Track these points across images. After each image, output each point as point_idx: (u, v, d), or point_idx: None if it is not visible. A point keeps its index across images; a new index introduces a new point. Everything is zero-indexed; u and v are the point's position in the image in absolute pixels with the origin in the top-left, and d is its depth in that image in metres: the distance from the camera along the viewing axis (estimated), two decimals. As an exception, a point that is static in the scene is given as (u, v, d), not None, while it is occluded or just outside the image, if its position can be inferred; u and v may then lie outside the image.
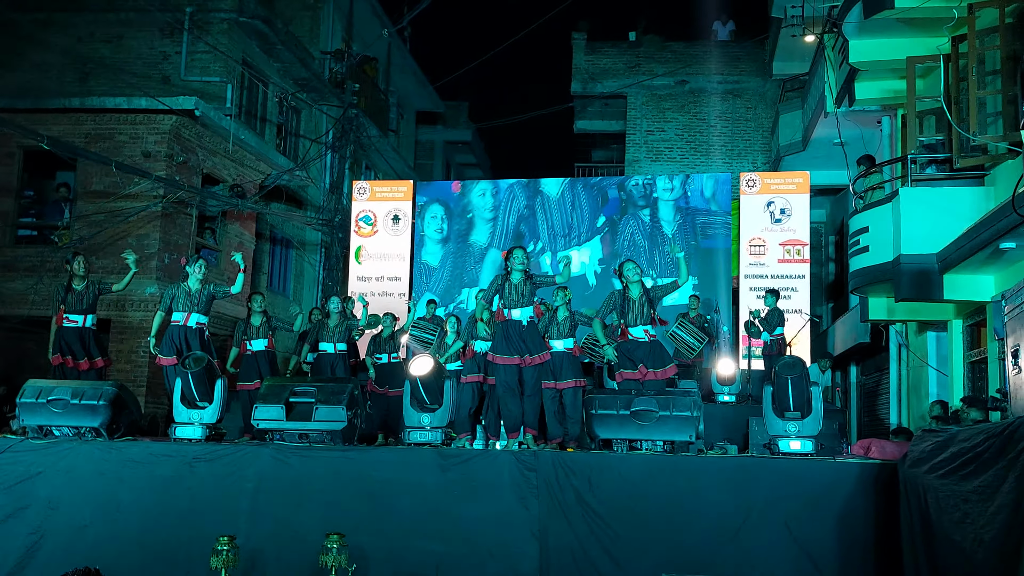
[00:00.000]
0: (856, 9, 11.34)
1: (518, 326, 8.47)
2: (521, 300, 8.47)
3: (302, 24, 18.65)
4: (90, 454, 7.47)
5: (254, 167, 15.93)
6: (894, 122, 13.13)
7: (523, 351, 8.41)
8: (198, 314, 9.17)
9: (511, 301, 8.47)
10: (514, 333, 8.46)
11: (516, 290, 8.47)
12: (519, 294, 8.46)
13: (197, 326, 9.15)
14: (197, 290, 9.25)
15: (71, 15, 14.79)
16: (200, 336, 9.11)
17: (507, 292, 8.50)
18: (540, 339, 8.67)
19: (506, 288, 8.52)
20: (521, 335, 8.45)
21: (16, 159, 14.29)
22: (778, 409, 7.09)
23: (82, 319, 9.63)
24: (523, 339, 8.45)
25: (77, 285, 9.71)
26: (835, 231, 18.24)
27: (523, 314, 8.48)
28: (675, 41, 21.35)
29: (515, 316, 8.47)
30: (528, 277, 8.55)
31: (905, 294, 10.44)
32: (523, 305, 8.48)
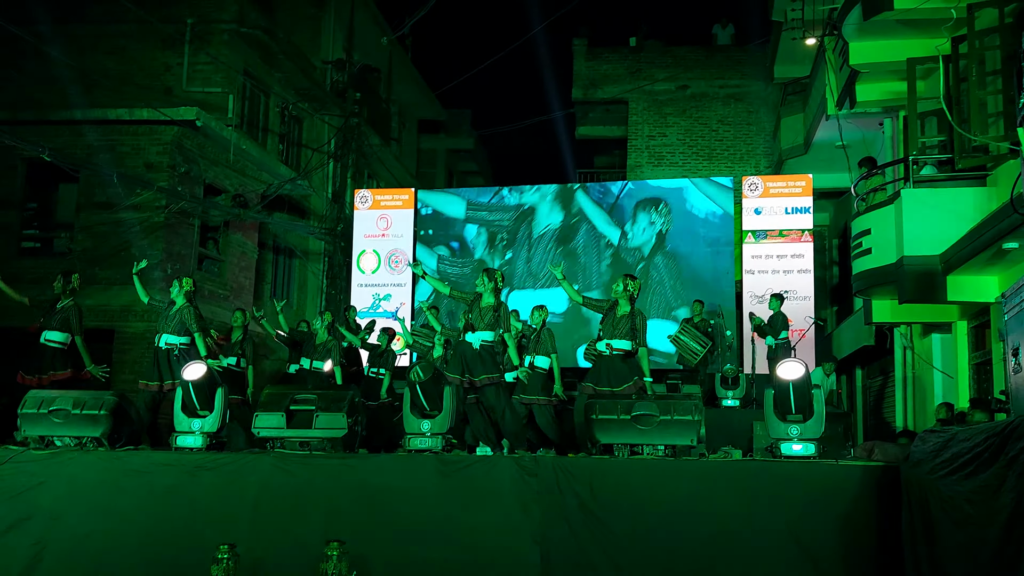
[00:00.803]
0: (855, 11, 11.33)
1: (469, 348, 8.45)
2: (481, 323, 8.44)
3: (303, 34, 18.71)
4: (92, 464, 7.45)
5: (256, 177, 15.96)
6: (896, 124, 13.11)
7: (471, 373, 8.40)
8: (169, 335, 9.07)
9: (474, 322, 8.44)
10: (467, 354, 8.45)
11: (482, 312, 8.44)
12: (479, 316, 8.43)
13: (166, 346, 9.05)
14: (176, 311, 9.14)
15: (73, 27, 14.83)
16: (168, 356, 9.01)
17: (474, 311, 8.48)
18: (491, 363, 8.51)
19: (474, 307, 8.50)
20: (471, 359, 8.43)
21: (19, 171, 14.35)
22: (780, 412, 7.04)
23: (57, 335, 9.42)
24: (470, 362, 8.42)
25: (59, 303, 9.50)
26: (838, 234, 18.20)
27: (476, 339, 8.43)
28: (676, 46, 21.37)
29: (468, 339, 8.46)
30: (496, 304, 8.50)
31: (909, 296, 10.40)
32: (481, 329, 8.44)
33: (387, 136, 20.96)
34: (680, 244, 15.46)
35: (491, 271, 8.65)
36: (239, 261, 15.86)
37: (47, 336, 9.38)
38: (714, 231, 15.46)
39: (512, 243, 16.08)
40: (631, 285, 8.50)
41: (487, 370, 8.42)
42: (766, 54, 20.00)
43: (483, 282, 8.53)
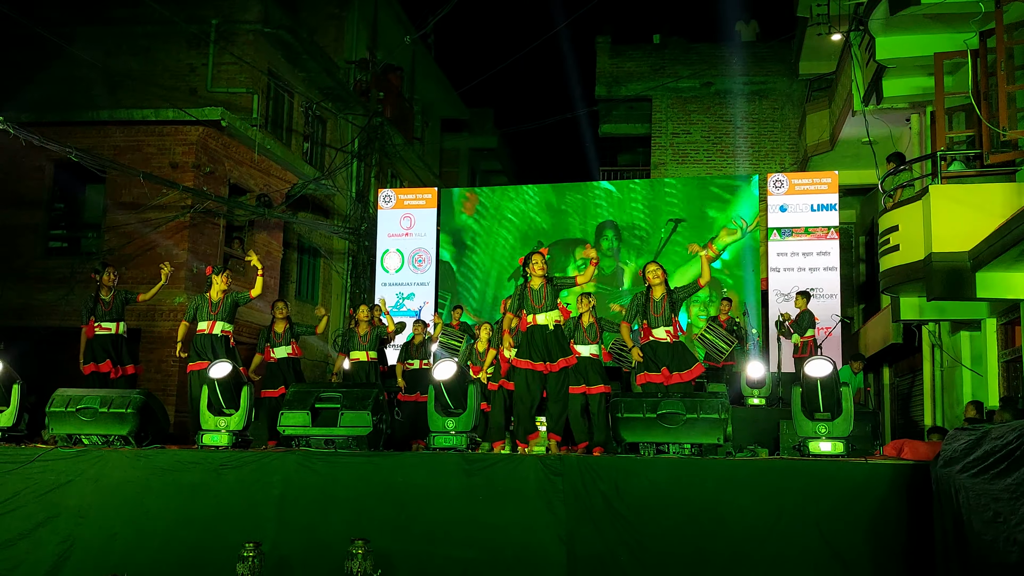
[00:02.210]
0: (882, 6, 11.23)
1: (543, 331, 8.44)
2: (544, 305, 8.43)
3: (326, 33, 18.77)
4: (118, 462, 7.50)
5: (281, 177, 16.03)
6: (923, 119, 12.97)
7: (545, 357, 8.37)
8: (223, 322, 9.28)
9: (532, 307, 8.44)
10: (539, 338, 8.43)
11: (537, 295, 8.44)
12: (540, 298, 8.43)
13: (222, 333, 9.29)
14: (220, 299, 9.33)
15: (98, 29, 14.95)
16: (225, 344, 9.25)
17: (528, 298, 8.47)
18: (565, 343, 8.61)
19: (527, 295, 8.49)
20: (545, 340, 8.42)
21: (47, 172, 14.49)
22: (807, 410, 6.98)
23: (114, 326, 9.90)
24: (547, 344, 8.41)
25: (105, 295, 9.88)
26: (865, 231, 18.03)
27: (547, 318, 8.44)
28: (699, 43, 21.25)
29: (540, 321, 8.44)
30: (548, 281, 8.50)
31: (937, 293, 10.27)
32: (546, 309, 8.44)
33: (410, 135, 20.99)
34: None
35: (524, 256, 8.65)
36: (264, 260, 15.75)
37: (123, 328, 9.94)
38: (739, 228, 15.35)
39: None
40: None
41: (563, 353, 8.46)
42: (790, 50, 19.85)
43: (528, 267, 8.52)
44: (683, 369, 8.23)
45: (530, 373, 8.40)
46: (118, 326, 9.95)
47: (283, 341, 10.36)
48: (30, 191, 14.42)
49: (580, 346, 9.07)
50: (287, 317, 10.56)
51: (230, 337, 9.40)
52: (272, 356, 10.29)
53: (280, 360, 10.26)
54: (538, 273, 8.47)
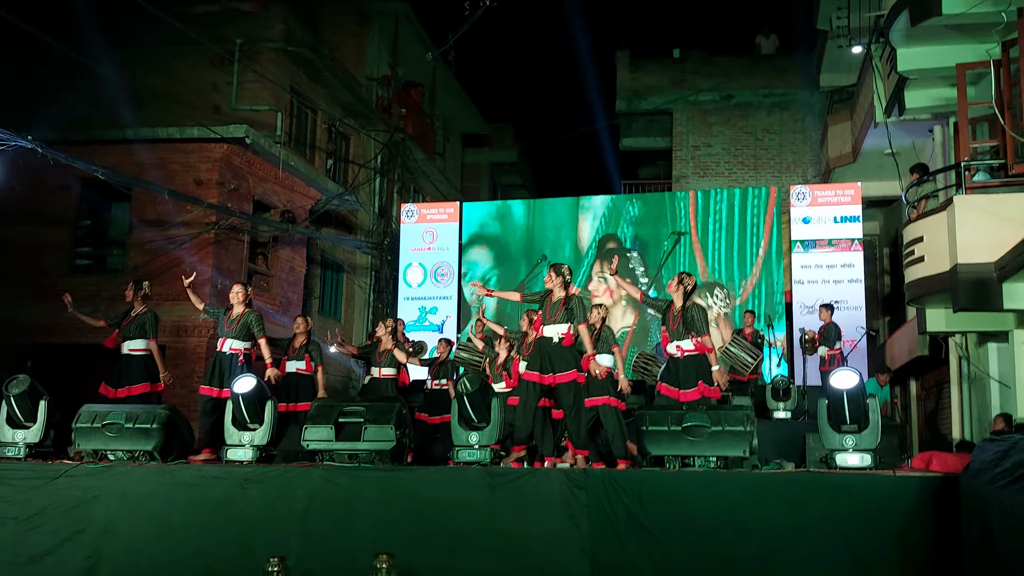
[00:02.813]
0: (903, 17, 11.19)
1: (548, 343, 8.42)
2: (556, 318, 8.43)
3: (348, 51, 18.90)
4: (144, 477, 7.54)
5: (304, 193, 16.14)
6: (946, 130, 12.89)
7: (549, 369, 8.34)
8: (233, 339, 9.23)
9: (545, 318, 8.43)
10: (544, 350, 8.42)
11: (553, 307, 8.43)
12: (555, 311, 8.42)
13: (231, 351, 9.21)
14: (237, 316, 9.30)
15: (123, 49, 15.11)
16: (232, 361, 9.15)
17: (545, 307, 8.46)
18: (572, 358, 8.48)
19: (545, 303, 8.49)
20: (550, 353, 8.40)
21: (73, 191, 14.66)
22: (834, 422, 6.92)
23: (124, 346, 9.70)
24: (551, 358, 8.38)
25: (133, 312, 9.84)
26: (889, 243, 17.91)
27: (554, 331, 8.41)
28: (719, 56, 21.24)
29: (547, 333, 8.43)
30: (567, 297, 8.48)
31: (963, 304, 10.17)
32: (556, 322, 8.42)
33: (432, 150, 21.08)
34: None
35: (557, 265, 8.63)
36: (287, 276, 16.02)
37: (129, 346, 9.67)
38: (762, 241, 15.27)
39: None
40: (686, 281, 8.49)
41: (567, 366, 8.37)
42: (811, 62, 19.80)
43: (551, 277, 8.52)
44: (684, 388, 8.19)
45: (532, 384, 8.36)
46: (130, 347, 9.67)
47: (298, 356, 10.37)
48: (57, 209, 14.59)
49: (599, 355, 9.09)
50: (307, 332, 10.57)
51: (240, 354, 9.25)
52: (285, 369, 10.28)
53: (289, 375, 10.21)
54: (558, 285, 8.46)
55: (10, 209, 14.41)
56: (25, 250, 14.39)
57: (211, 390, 9.10)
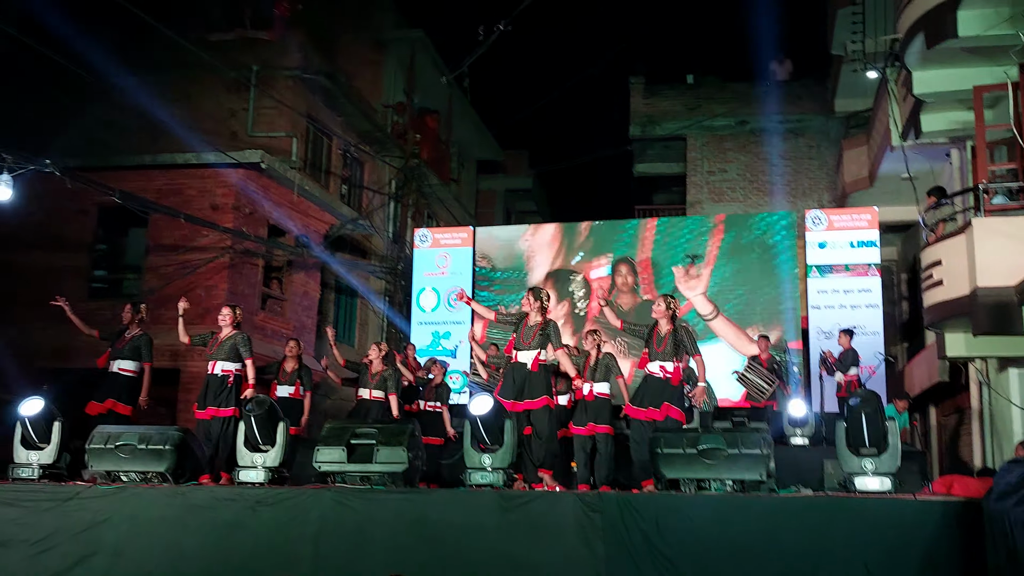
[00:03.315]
0: (918, 40, 11.15)
1: (522, 369, 8.36)
2: (530, 343, 8.36)
3: (364, 78, 19.02)
4: (155, 500, 7.50)
5: (319, 217, 16.20)
6: (963, 154, 12.81)
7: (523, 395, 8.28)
8: (222, 361, 9.15)
9: (519, 342, 8.37)
10: (518, 376, 8.36)
11: (528, 332, 8.37)
12: (529, 336, 8.36)
13: (222, 372, 9.14)
14: (224, 337, 9.24)
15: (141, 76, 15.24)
16: (223, 382, 9.07)
17: (519, 331, 8.41)
18: (543, 383, 8.45)
19: (520, 327, 8.43)
20: (524, 379, 8.33)
21: (91, 216, 14.75)
22: (853, 446, 6.82)
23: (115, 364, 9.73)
24: (525, 383, 8.32)
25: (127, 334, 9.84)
26: (907, 269, 17.77)
27: (528, 356, 8.36)
28: (733, 82, 21.27)
29: (520, 359, 8.38)
30: (543, 322, 8.42)
31: (983, 328, 10.06)
32: (530, 348, 8.36)
33: (446, 176, 21.14)
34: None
35: (535, 289, 8.63)
36: (301, 301, 16.04)
37: (119, 364, 9.66)
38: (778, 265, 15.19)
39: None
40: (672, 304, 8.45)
41: (539, 391, 8.32)
42: (826, 88, 19.79)
43: (528, 301, 8.48)
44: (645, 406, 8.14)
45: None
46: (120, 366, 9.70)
47: (288, 380, 10.33)
48: (74, 234, 14.69)
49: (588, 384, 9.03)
50: (298, 357, 10.52)
51: (230, 376, 9.14)
52: (274, 394, 10.21)
53: (280, 399, 10.07)
54: (535, 309, 8.41)
55: (28, 234, 14.52)
56: (42, 274, 14.45)
57: (203, 413, 9.04)
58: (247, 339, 9.29)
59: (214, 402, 8.96)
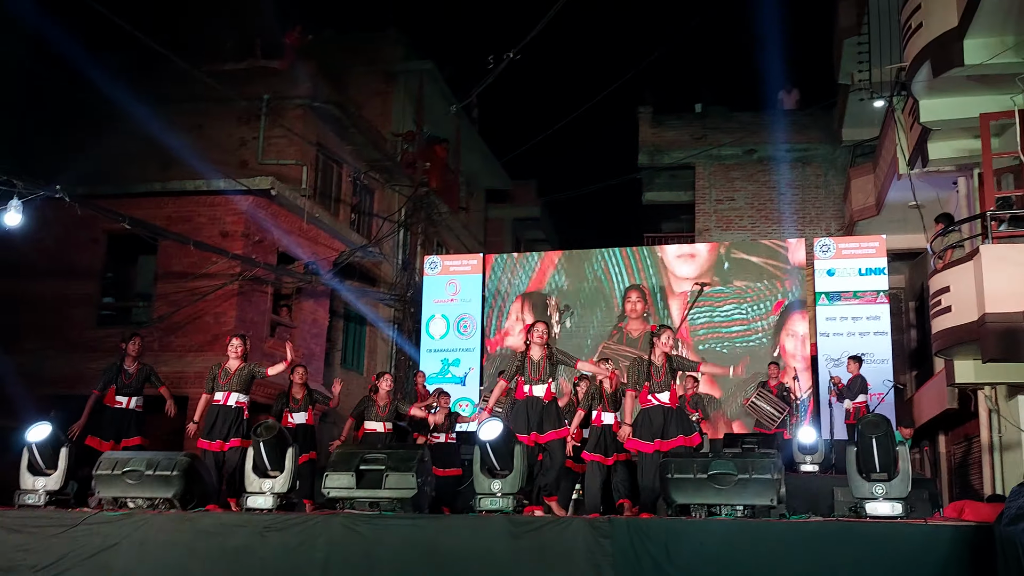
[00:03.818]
0: (925, 68, 11.22)
1: (537, 403, 8.38)
2: (540, 376, 8.40)
3: (374, 108, 19.18)
4: (163, 525, 7.48)
5: (328, 245, 16.26)
6: (970, 182, 12.83)
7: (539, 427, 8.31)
8: (237, 392, 9.17)
9: (529, 377, 8.40)
10: (532, 410, 8.38)
11: (535, 366, 8.41)
12: (537, 370, 8.39)
13: (236, 404, 9.15)
14: (234, 368, 9.25)
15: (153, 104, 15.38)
16: (238, 415, 9.10)
17: (526, 368, 8.44)
18: (558, 416, 8.52)
19: (525, 364, 8.46)
20: (539, 412, 8.36)
21: (101, 243, 14.84)
22: (863, 471, 6.79)
23: (126, 400, 9.77)
24: (540, 416, 8.34)
25: (129, 366, 9.87)
26: (915, 296, 17.75)
27: (541, 390, 8.40)
28: (741, 111, 21.37)
29: (535, 392, 8.41)
30: (548, 353, 8.46)
31: (992, 355, 10.04)
32: (541, 381, 8.40)
33: (455, 205, 21.24)
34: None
35: (529, 326, 8.66)
36: (310, 328, 16.07)
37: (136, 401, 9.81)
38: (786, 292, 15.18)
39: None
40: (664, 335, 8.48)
41: (553, 424, 8.37)
42: (833, 117, 19.87)
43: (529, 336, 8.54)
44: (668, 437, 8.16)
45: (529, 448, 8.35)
46: (129, 400, 9.76)
47: (301, 407, 10.33)
48: (84, 261, 14.76)
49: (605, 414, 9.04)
50: (305, 383, 10.51)
51: (244, 408, 9.19)
52: (289, 421, 10.21)
53: (297, 426, 10.13)
54: (537, 342, 8.44)
55: (37, 261, 14.61)
56: (52, 301, 14.54)
57: (213, 444, 9.01)
58: (257, 363, 9.35)
59: (235, 434, 8.98)
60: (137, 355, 9.94)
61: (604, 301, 15.81)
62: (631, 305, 15.64)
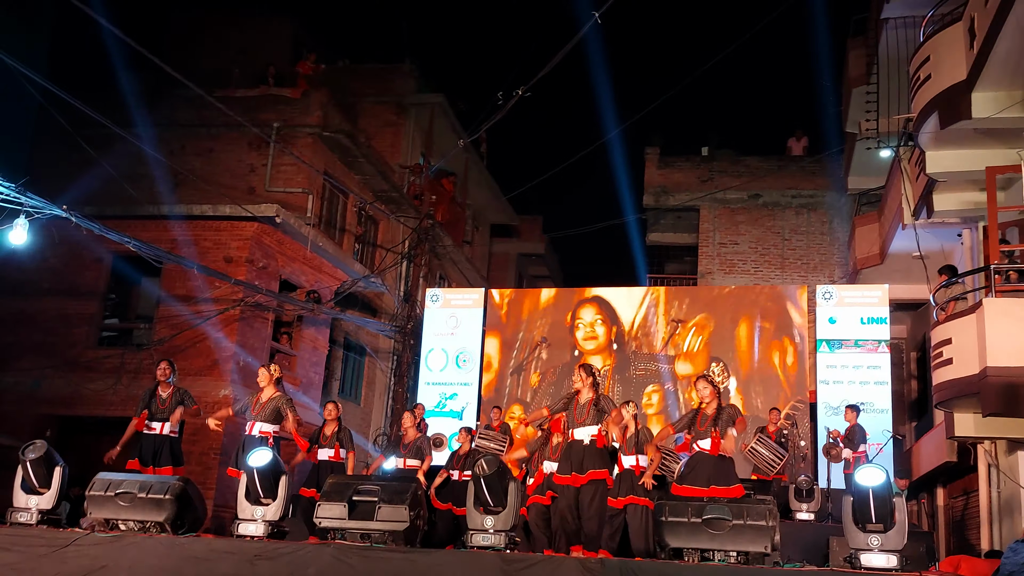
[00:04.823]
0: (932, 120, 11.26)
1: (579, 446, 8.39)
2: (584, 420, 8.39)
3: (383, 139, 19.30)
4: (153, 549, 7.43)
5: (331, 274, 16.29)
6: (975, 234, 12.84)
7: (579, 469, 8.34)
8: (262, 423, 9.20)
9: (573, 420, 8.42)
10: (575, 453, 8.38)
11: (581, 409, 8.42)
12: (583, 413, 8.40)
13: (260, 435, 9.16)
14: (268, 399, 9.29)
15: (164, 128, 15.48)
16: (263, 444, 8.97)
17: (573, 409, 8.46)
18: (600, 459, 8.53)
19: (573, 405, 8.48)
20: (581, 454, 8.35)
21: (105, 264, 14.87)
22: (859, 521, 6.74)
23: (159, 426, 9.72)
24: (581, 459, 8.37)
25: (163, 391, 9.85)
26: (916, 347, 17.71)
27: (585, 433, 8.39)
28: (748, 156, 21.48)
29: (577, 436, 8.43)
30: (595, 397, 8.47)
31: (992, 409, 9.98)
32: (585, 424, 8.39)
33: (460, 239, 21.29)
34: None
35: (587, 366, 8.70)
36: (310, 356, 16.05)
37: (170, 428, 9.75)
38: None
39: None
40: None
41: (596, 465, 8.39)
42: (840, 164, 19.96)
43: (580, 377, 8.54)
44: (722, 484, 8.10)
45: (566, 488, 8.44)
46: (163, 426, 9.70)
47: (328, 444, 10.29)
48: (88, 282, 14.79)
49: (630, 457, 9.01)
50: (337, 419, 10.49)
51: (269, 438, 9.17)
52: (316, 457, 10.22)
53: (322, 462, 10.13)
54: (587, 385, 8.48)
55: (41, 280, 14.65)
56: (53, 321, 14.55)
57: (238, 472, 8.99)
58: (290, 401, 9.37)
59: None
60: (165, 380, 9.85)
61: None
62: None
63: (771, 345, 14.95)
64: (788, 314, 15.02)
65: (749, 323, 15.14)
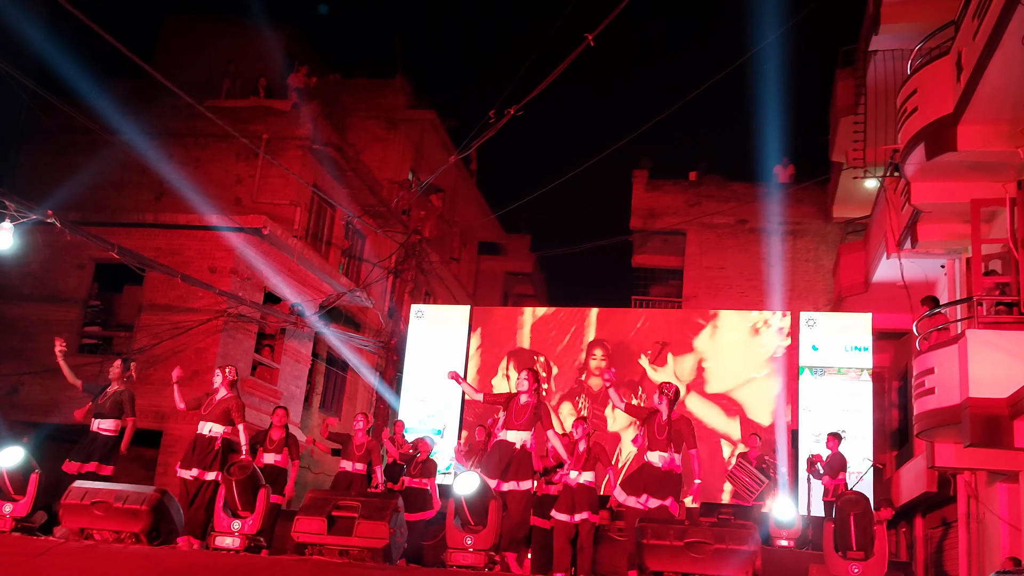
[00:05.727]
0: (918, 151, 11.35)
1: (510, 448, 8.25)
2: (521, 424, 8.27)
3: (373, 153, 19.32)
4: (127, 560, 7.32)
5: (316, 287, 16.22)
6: (959, 265, 12.92)
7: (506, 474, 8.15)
8: (212, 423, 9.07)
9: (510, 422, 8.29)
10: (504, 455, 8.24)
11: (519, 412, 8.29)
12: (521, 416, 8.28)
13: (209, 434, 9.04)
14: (220, 399, 9.18)
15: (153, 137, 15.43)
16: (210, 445, 8.98)
17: (509, 410, 8.33)
18: (530, 467, 8.36)
19: (511, 406, 8.35)
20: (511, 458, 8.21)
21: (87, 271, 14.77)
22: (840, 548, 6.73)
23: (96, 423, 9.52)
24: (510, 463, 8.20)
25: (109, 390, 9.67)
26: (899, 376, 17.76)
27: (517, 437, 8.25)
28: (735, 182, 21.60)
29: (509, 439, 8.27)
30: (535, 403, 8.36)
31: (973, 440, 10.00)
32: (519, 428, 8.26)
33: (447, 255, 21.27)
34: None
35: (534, 371, 8.55)
36: (292, 369, 15.96)
37: (99, 424, 9.48)
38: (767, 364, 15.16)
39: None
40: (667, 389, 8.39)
41: (525, 474, 8.23)
42: (826, 193, 20.08)
43: (528, 380, 8.41)
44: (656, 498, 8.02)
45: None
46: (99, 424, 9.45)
47: (275, 448, 10.16)
48: (69, 288, 14.69)
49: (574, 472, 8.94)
50: (285, 426, 10.37)
51: (217, 439, 9.05)
52: (261, 461, 10.04)
53: (267, 467, 9.91)
54: (531, 390, 8.35)
55: (22, 285, 14.54)
56: (33, 327, 14.43)
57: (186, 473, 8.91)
58: (241, 406, 9.22)
59: (199, 464, 8.85)
60: (118, 378, 9.68)
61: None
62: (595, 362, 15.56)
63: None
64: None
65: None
